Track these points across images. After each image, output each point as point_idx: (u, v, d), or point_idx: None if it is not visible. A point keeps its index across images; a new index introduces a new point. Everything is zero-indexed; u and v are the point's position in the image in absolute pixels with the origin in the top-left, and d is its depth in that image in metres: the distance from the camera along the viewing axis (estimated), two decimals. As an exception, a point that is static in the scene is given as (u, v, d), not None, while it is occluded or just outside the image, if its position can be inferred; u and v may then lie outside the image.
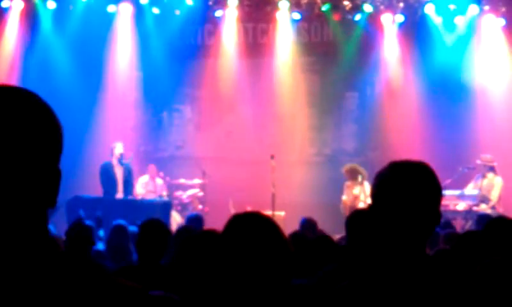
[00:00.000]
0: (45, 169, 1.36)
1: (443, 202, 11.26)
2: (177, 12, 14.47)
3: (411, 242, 2.08)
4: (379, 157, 13.79)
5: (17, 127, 1.32)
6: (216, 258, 2.41)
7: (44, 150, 1.36)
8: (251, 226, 2.33)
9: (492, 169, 11.98)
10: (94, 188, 12.25)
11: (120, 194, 12.16)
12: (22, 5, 14.02)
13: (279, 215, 11.87)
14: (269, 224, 2.37)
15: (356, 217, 3.98)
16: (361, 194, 12.23)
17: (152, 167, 13.23)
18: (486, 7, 14.17)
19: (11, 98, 1.34)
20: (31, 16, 14.18)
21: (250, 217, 2.41)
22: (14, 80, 13.62)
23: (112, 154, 12.43)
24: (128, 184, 12.34)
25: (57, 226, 9.11)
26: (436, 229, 2.28)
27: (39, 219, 1.37)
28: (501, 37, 14.28)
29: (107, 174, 12.19)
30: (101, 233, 8.71)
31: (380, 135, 14.47)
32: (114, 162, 12.28)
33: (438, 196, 2.14)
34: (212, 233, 3.30)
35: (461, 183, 12.07)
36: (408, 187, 2.09)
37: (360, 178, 12.38)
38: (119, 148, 12.42)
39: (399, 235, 2.08)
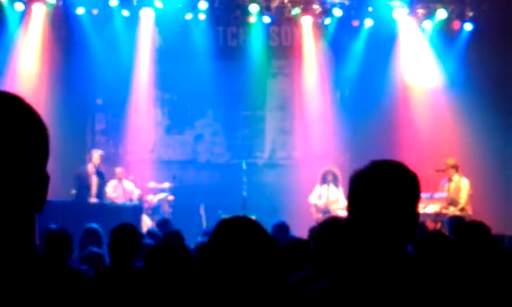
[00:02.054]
0: (32, 173, 1.35)
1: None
2: (146, 15, 14.40)
3: (390, 243, 2.06)
4: (349, 160, 13.90)
5: (3, 131, 1.31)
6: (205, 262, 2.41)
7: (31, 154, 1.34)
8: (241, 230, 2.33)
9: (457, 171, 12.15)
10: (63, 192, 12.12)
11: (92, 199, 12.12)
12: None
13: (250, 218, 11.88)
14: (257, 228, 2.38)
15: (329, 224, 3.97)
16: (338, 198, 12.36)
17: (119, 171, 13.15)
18: (454, 12, 14.38)
19: None
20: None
21: (238, 221, 2.42)
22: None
23: (88, 160, 12.42)
24: (101, 190, 12.29)
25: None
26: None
27: (26, 224, 1.36)
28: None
29: (81, 180, 12.14)
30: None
31: (350, 138, 14.56)
32: (90, 168, 12.23)
33: (417, 195, 2.15)
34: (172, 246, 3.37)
35: (430, 186, 12.20)
36: (387, 186, 2.08)
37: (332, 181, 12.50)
38: (95, 156, 12.45)
39: (378, 236, 2.06)
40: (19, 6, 13.94)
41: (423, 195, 11.67)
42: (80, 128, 14.49)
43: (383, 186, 2.07)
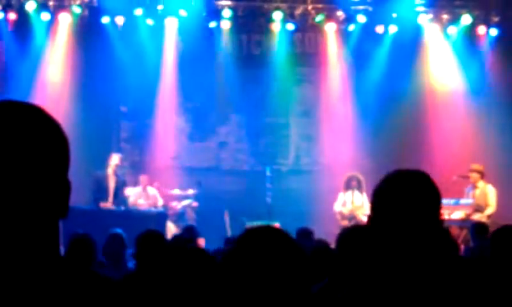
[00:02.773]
0: (55, 181, 1.39)
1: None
2: (171, 23, 14.48)
3: (413, 252, 2.05)
4: (375, 166, 13.81)
5: (27, 141, 1.35)
6: (228, 273, 2.34)
7: (54, 162, 1.39)
8: (267, 241, 2.23)
9: (482, 178, 12.04)
10: (87, 198, 12.18)
11: (109, 204, 12.07)
12: (15, 17, 14.00)
13: (274, 225, 11.87)
14: (284, 238, 2.28)
15: (351, 232, 3.94)
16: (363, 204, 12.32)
17: (144, 178, 13.18)
18: (479, 17, 14.29)
19: (19, 114, 1.38)
20: (24, 28, 14.15)
21: (264, 230, 2.32)
22: (8, 93, 13.61)
23: (107, 164, 12.37)
24: (119, 194, 12.26)
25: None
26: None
27: (51, 229, 1.41)
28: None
29: (99, 184, 12.14)
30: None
31: (375, 145, 14.48)
32: (109, 172, 12.19)
33: (438, 204, 2.14)
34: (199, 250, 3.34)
35: (455, 192, 12.10)
36: (408, 196, 2.07)
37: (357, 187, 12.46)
38: (114, 159, 12.36)
39: (400, 245, 2.05)
40: (45, 16, 14.09)
41: (448, 201, 11.65)
42: (105, 136, 14.57)
43: (400, 197, 2.07)
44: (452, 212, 11.68)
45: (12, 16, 13.96)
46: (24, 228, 1.35)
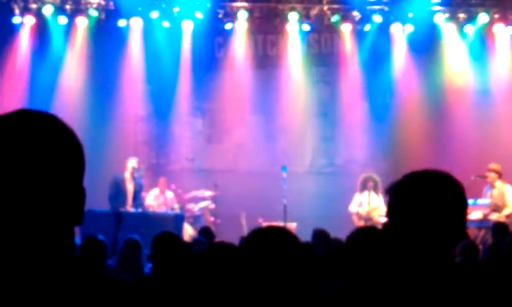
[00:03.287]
0: (70, 189, 1.42)
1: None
2: (187, 26, 14.51)
3: (431, 258, 2.00)
4: (390, 167, 13.75)
5: (43, 150, 1.38)
6: (234, 273, 2.34)
7: (69, 171, 1.42)
8: (271, 241, 2.26)
9: (499, 178, 11.96)
10: (105, 202, 12.21)
11: (128, 208, 12.07)
12: (33, 21, 14.10)
13: (290, 226, 11.86)
14: (288, 237, 2.31)
15: (361, 233, 3.90)
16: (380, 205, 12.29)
17: (162, 180, 13.20)
18: (496, 16, 14.19)
19: (35, 123, 1.40)
20: (42, 32, 14.25)
21: (269, 231, 2.34)
22: (25, 98, 13.71)
23: (125, 168, 12.37)
24: (138, 198, 12.28)
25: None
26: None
27: (66, 236, 1.44)
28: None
29: (117, 187, 12.15)
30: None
31: (391, 145, 14.44)
32: (127, 175, 12.20)
33: (463, 207, 2.07)
34: (220, 245, 3.30)
35: (473, 192, 12.01)
36: (429, 198, 2.01)
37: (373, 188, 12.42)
38: (132, 162, 12.36)
39: (417, 251, 2.00)
40: (63, 20, 14.17)
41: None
42: (122, 139, 14.62)
43: (419, 200, 2.01)
44: (470, 212, 11.57)
45: (30, 20, 14.06)
46: (40, 235, 1.37)
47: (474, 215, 11.62)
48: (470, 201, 11.72)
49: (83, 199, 1.46)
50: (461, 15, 14.34)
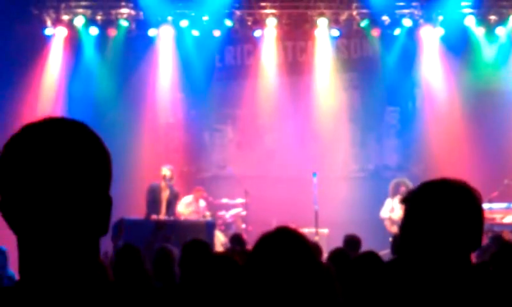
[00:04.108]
0: (97, 198, 1.41)
1: (490, 215, 11.03)
2: (216, 33, 14.56)
3: (446, 267, 1.98)
4: (422, 171, 13.62)
5: (70, 158, 1.37)
6: (244, 278, 2.27)
7: (96, 179, 1.40)
8: (280, 245, 2.22)
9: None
10: (139, 210, 12.27)
11: (162, 216, 12.01)
12: (65, 32, 14.26)
13: (322, 232, 11.80)
14: (298, 240, 2.27)
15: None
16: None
17: (199, 189, 13.17)
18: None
19: (62, 131, 1.39)
20: (74, 43, 14.41)
21: (278, 234, 2.30)
22: (59, 108, 13.86)
23: (161, 176, 12.25)
24: (171, 206, 12.21)
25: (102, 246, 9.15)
26: (485, 243, 2.16)
27: (92, 246, 1.42)
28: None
29: (153, 195, 12.13)
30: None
31: (423, 149, 14.31)
32: (163, 184, 12.13)
33: (478, 215, 2.02)
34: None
35: (507, 196, 11.81)
36: (444, 208, 1.99)
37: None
38: (165, 171, 12.24)
39: (432, 260, 1.99)
40: (94, 31, 14.31)
41: (500, 205, 11.40)
42: (155, 147, 14.70)
43: (431, 211, 2.00)
44: (504, 216, 11.40)
45: (62, 31, 14.22)
46: (67, 244, 1.36)
47: (508, 218, 11.42)
48: (504, 205, 11.55)
49: (109, 208, 1.44)
50: (492, 17, 14.14)
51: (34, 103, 13.82)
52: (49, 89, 14.31)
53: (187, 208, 12.93)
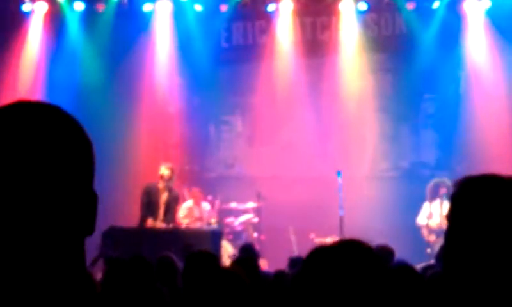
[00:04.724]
0: (78, 193, 1.39)
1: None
2: (223, 8, 14.57)
3: (499, 273, 1.98)
4: (466, 170, 13.57)
5: (44, 148, 1.35)
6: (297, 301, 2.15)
7: (75, 171, 1.39)
8: (342, 259, 2.09)
9: None
10: (133, 215, 12.29)
11: (159, 222, 12.05)
12: (45, 8, 14.32)
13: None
14: (364, 254, 2.13)
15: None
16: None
17: (196, 191, 13.25)
18: None
19: (34, 116, 1.38)
20: (56, 20, 14.47)
21: (338, 247, 2.17)
22: (39, 92, 13.94)
23: (158, 176, 12.21)
24: (170, 211, 12.20)
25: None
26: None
27: (75, 250, 1.40)
28: None
29: (149, 197, 12.10)
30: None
31: (467, 143, 14.26)
32: (161, 185, 12.09)
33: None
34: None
35: None
36: (482, 208, 2.00)
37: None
38: (163, 170, 12.19)
39: (482, 265, 1.99)
40: (79, 6, 14.35)
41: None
42: (151, 142, 14.76)
43: (473, 209, 2.01)
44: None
45: (42, 7, 14.28)
46: (46, 251, 1.34)
47: None
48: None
49: (94, 205, 1.42)
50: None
51: (11, 92, 13.88)
52: (26, 75, 14.38)
53: (188, 214, 12.95)
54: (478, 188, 2.05)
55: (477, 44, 14.47)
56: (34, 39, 14.51)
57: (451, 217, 2.08)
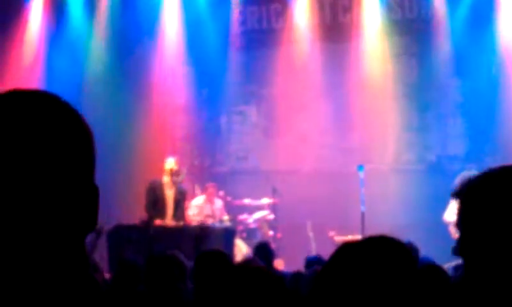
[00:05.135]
0: (77, 186, 1.41)
1: None
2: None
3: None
4: (499, 162, 13.51)
5: (41, 139, 1.37)
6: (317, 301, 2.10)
7: (74, 163, 1.40)
8: (374, 257, 2.04)
9: None
10: (138, 213, 12.29)
11: (168, 220, 12.08)
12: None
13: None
14: (398, 250, 2.09)
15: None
16: None
17: (211, 187, 13.31)
18: None
19: (31, 105, 1.40)
20: (57, 5, 14.60)
21: (368, 243, 2.12)
22: (38, 80, 14.05)
23: (163, 170, 12.24)
24: (179, 208, 12.24)
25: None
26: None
27: (75, 247, 1.42)
28: None
29: (154, 194, 12.12)
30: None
31: (500, 134, 14.19)
32: (166, 180, 12.16)
33: None
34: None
35: None
36: (501, 203, 1.94)
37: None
38: (170, 163, 12.25)
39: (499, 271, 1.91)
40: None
41: None
42: (159, 135, 14.91)
43: (495, 202, 1.94)
44: None
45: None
46: (44, 248, 1.36)
47: None
48: None
49: (95, 199, 1.44)
50: None
51: (12, 80, 14.01)
52: (28, 58, 14.51)
53: (199, 211, 13.02)
54: (491, 180, 1.99)
55: (509, 24, 14.44)
56: (34, 25, 14.60)
57: (465, 207, 2.04)
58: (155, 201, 12.07)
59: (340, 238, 11.98)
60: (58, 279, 1.38)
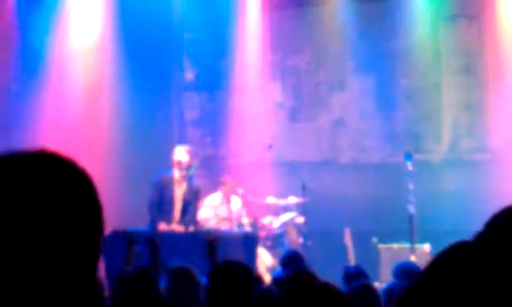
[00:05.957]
0: (82, 272, 1.64)
1: None
2: None
3: None
4: None
5: (41, 206, 1.57)
6: None
7: (80, 242, 1.64)
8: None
9: None
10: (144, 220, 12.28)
11: (175, 224, 12.07)
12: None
13: (422, 248, 11.69)
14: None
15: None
16: None
17: (228, 180, 13.32)
18: None
19: (26, 167, 1.61)
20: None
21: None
22: (13, 66, 14.15)
23: (172, 164, 12.18)
24: (190, 209, 12.21)
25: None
26: None
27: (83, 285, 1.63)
28: None
29: (160, 192, 12.10)
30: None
31: None
32: (177, 174, 12.08)
33: None
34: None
35: None
36: None
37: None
38: (179, 154, 12.16)
39: None
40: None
41: None
42: (164, 118, 14.99)
43: None
44: None
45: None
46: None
47: None
48: None
49: (97, 256, 1.67)
50: None
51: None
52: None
53: (214, 212, 12.99)
54: None
55: None
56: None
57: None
58: (161, 203, 12.08)
59: (384, 246, 11.98)
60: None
